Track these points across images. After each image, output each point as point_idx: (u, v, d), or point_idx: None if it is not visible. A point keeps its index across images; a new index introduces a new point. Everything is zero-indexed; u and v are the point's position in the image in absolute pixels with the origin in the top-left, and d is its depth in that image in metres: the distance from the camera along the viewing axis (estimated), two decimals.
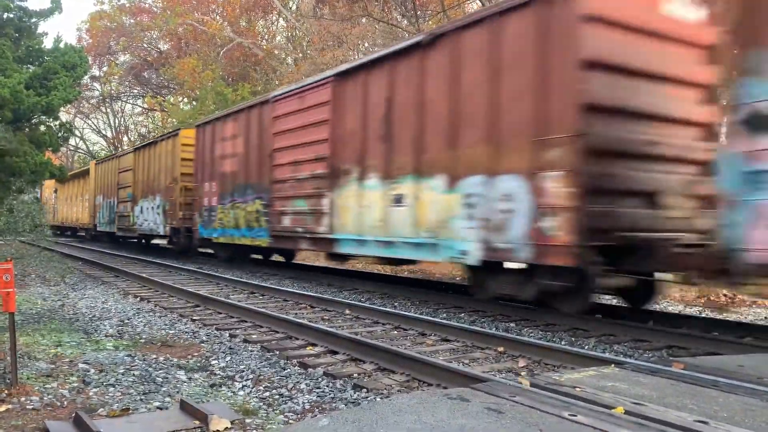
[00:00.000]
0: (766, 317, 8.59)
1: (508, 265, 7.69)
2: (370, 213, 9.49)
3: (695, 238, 6.93)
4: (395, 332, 6.85)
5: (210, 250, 16.74)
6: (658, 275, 7.28)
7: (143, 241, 21.90)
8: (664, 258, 6.41)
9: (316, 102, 10.80)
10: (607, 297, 8.61)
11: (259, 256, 15.83)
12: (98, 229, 24.85)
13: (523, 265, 7.33)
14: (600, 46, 6.55)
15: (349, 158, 10.00)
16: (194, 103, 30.08)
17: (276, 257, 16.22)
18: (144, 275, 12.15)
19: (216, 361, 5.36)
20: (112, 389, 4.39)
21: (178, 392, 4.35)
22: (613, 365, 3.82)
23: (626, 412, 2.67)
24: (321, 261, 16.32)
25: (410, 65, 8.78)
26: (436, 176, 8.28)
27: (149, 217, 18.48)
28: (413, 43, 8.73)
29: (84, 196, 27.48)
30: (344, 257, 11.22)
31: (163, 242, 20.02)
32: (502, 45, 7.36)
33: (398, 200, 8.96)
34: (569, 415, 2.59)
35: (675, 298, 10.15)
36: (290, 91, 11.86)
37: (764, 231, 4.85)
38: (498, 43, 7.42)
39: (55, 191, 33.16)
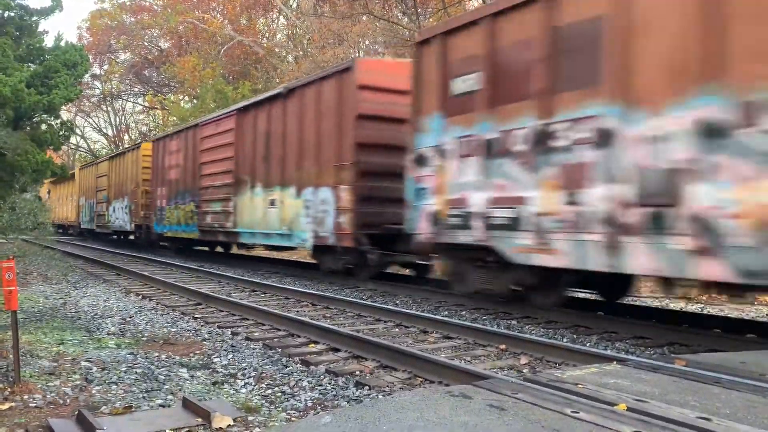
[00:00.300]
0: (767, 314, 8.59)
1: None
2: (257, 212, 12.85)
3: None
4: (397, 330, 6.86)
5: (165, 243, 19.40)
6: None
7: (122, 236, 24.58)
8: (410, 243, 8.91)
9: (226, 129, 14.09)
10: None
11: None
12: (82, 226, 28.00)
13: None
14: (369, 104, 10.04)
15: (245, 172, 13.31)
16: (195, 101, 30.08)
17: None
18: (145, 273, 12.17)
19: (218, 359, 5.36)
20: (114, 387, 4.40)
21: (180, 390, 4.35)
22: (615, 362, 3.82)
23: (629, 409, 2.67)
24: None
25: (278, 108, 12.18)
26: (291, 187, 11.67)
27: (119, 215, 21.77)
28: (279, 92, 12.26)
29: (72, 197, 30.17)
30: (246, 246, 15.09)
31: (131, 237, 23.25)
32: (323, 101, 10.82)
33: (272, 203, 12.26)
34: (571, 412, 2.59)
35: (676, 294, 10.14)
36: (211, 118, 15.35)
37: (424, 222, 8.25)
38: (321, 99, 10.89)
39: (48, 192, 33.97)
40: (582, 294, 8.54)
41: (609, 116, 5.97)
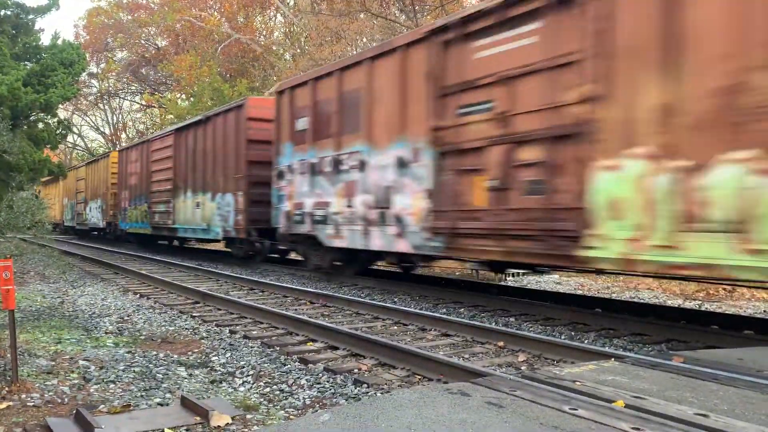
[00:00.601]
0: (765, 310, 8.60)
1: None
2: (188, 212, 16.13)
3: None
4: (395, 327, 6.86)
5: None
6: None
7: (97, 232, 27.54)
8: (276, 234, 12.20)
9: (167, 145, 17.44)
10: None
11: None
12: (65, 224, 31.80)
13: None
14: (255, 131, 13.25)
15: (181, 180, 16.54)
16: (192, 99, 30.01)
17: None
18: (143, 272, 12.15)
19: (216, 358, 5.36)
20: (112, 386, 4.39)
21: (178, 388, 4.35)
22: (613, 359, 3.83)
23: (627, 406, 2.68)
24: None
25: (201, 131, 15.51)
26: (209, 192, 14.94)
27: (94, 214, 25.39)
28: (200, 119, 15.62)
29: (57, 198, 33.41)
30: (185, 239, 19.22)
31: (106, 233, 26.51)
32: (227, 128, 14.13)
33: (198, 205, 15.59)
34: (570, 409, 2.60)
35: (674, 291, 10.16)
36: (158, 135, 18.89)
37: (282, 219, 11.59)
38: (226, 126, 14.18)
39: (39, 192, 34.86)
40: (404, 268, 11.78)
41: (364, 152, 9.47)
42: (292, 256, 14.77)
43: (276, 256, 14.66)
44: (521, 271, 11.79)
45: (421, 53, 8.30)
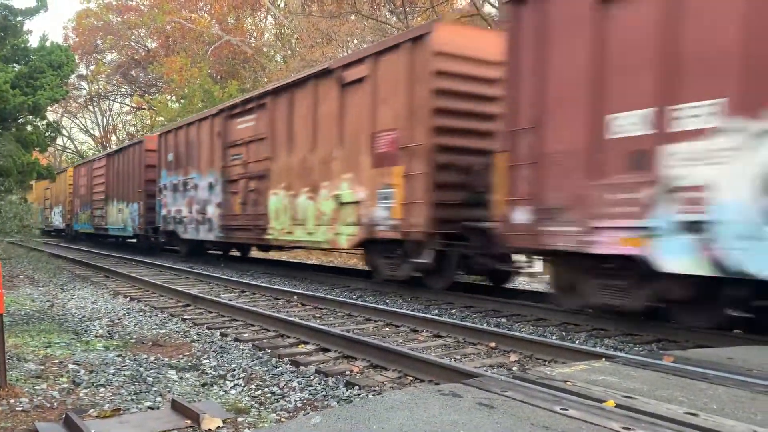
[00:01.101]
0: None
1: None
2: (114, 216, 21.56)
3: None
4: (387, 329, 6.86)
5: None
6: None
7: (60, 233, 32.77)
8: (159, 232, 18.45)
9: (103, 165, 23.06)
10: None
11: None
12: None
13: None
14: (150, 158, 18.50)
15: (111, 192, 21.89)
16: (182, 101, 29.90)
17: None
18: (134, 275, 12.08)
19: (207, 361, 5.33)
20: (102, 390, 4.36)
21: (169, 392, 4.33)
22: (603, 359, 3.85)
23: (617, 406, 2.69)
24: (314, 259, 16.31)
25: (121, 157, 20.98)
26: (126, 201, 20.20)
27: (57, 218, 31.29)
28: (120, 148, 21.41)
29: (30, 203, 35.43)
30: (112, 236, 23.79)
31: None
32: (135, 155, 19.57)
33: (119, 211, 20.86)
34: (561, 409, 2.60)
35: None
36: (98, 157, 24.92)
37: (161, 221, 17.80)
38: (135, 154, 19.58)
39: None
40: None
41: (196, 178, 15.20)
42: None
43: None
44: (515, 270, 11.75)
45: (218, 121, 14.32)
